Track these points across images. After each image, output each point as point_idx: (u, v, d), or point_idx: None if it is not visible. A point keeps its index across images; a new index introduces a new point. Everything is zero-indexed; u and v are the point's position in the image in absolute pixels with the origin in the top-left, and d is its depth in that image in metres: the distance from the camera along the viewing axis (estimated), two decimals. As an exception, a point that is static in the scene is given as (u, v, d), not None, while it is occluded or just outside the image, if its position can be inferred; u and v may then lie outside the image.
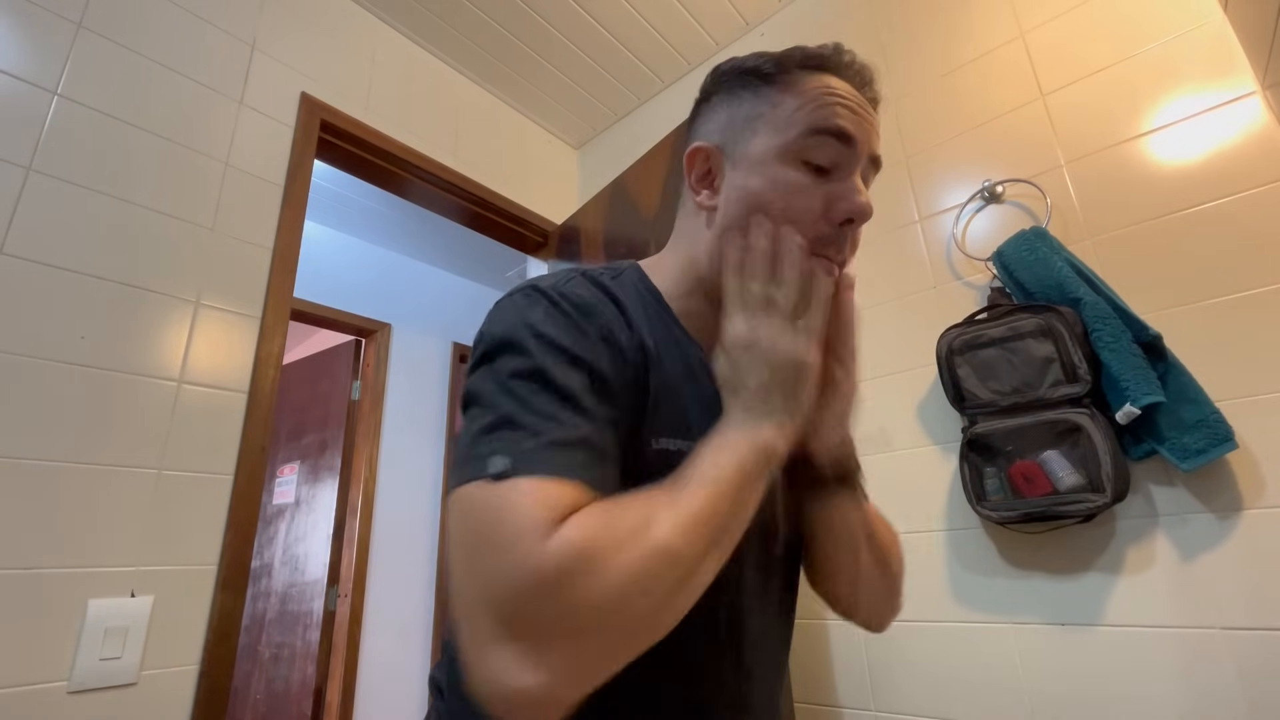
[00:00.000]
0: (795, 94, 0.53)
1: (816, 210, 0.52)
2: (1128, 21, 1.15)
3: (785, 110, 0.53)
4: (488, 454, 0.40)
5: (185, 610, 1.07)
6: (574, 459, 0.40)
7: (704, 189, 0.57)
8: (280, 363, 1.29)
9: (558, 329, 0.46)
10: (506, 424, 0.41)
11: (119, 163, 1.16)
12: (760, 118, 0.54)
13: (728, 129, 0.56)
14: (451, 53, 1.90)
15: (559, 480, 0.39)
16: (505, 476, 0.38)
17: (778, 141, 0.53)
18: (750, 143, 0.54)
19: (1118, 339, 0.99)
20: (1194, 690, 0.92)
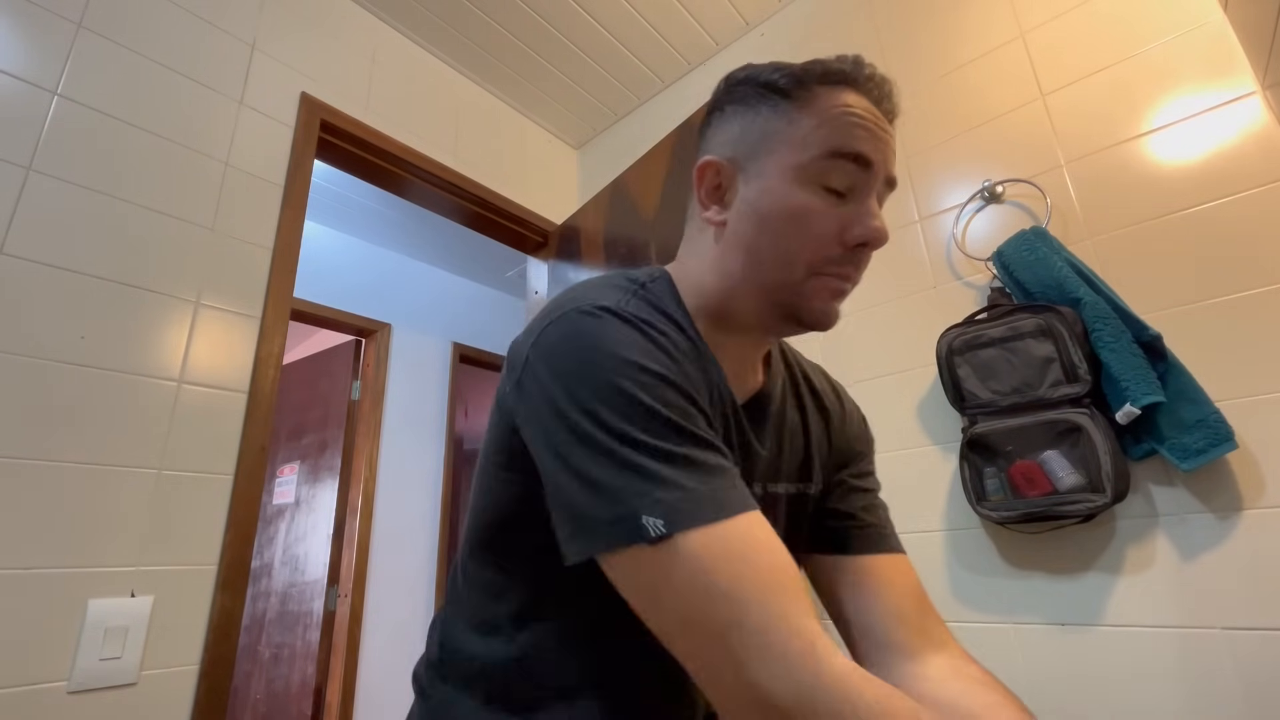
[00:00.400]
0: (813, 112, 0.52)
1: (831, 234, 0.51)
2: (1128, 22, 1.15)
3: (802, 129, 0.51)
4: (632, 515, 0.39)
5: (185, 610, 1.07)
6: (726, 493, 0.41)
7: (714, 204, 0.56)
8: (280, 363, 1.29)
9: (646, 354, 0.44)
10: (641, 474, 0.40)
11: (119, 163, 1.16)
12: (776, 135, 0.52)
13: (741, 144, 0.55)
14: (451, 53, 1.90)
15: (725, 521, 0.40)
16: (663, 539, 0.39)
17: (793, 162, 0.51)
18: (764, 161, 0.53)
19: (1118, 339, 0.99)
20: (1194, 690, 0.92)
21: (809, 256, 0.51)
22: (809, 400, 0.66)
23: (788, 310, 0.53)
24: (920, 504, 1.23)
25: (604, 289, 0.51)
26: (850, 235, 0.51)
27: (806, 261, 0.51)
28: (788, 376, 0.65)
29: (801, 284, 0.52)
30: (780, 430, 0.61)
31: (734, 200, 0.54)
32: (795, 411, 0.64)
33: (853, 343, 1.40)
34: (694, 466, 0.41)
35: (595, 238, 1.82)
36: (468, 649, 0.54)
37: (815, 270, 0.51)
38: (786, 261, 0.51)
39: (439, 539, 2.90)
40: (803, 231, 0.51)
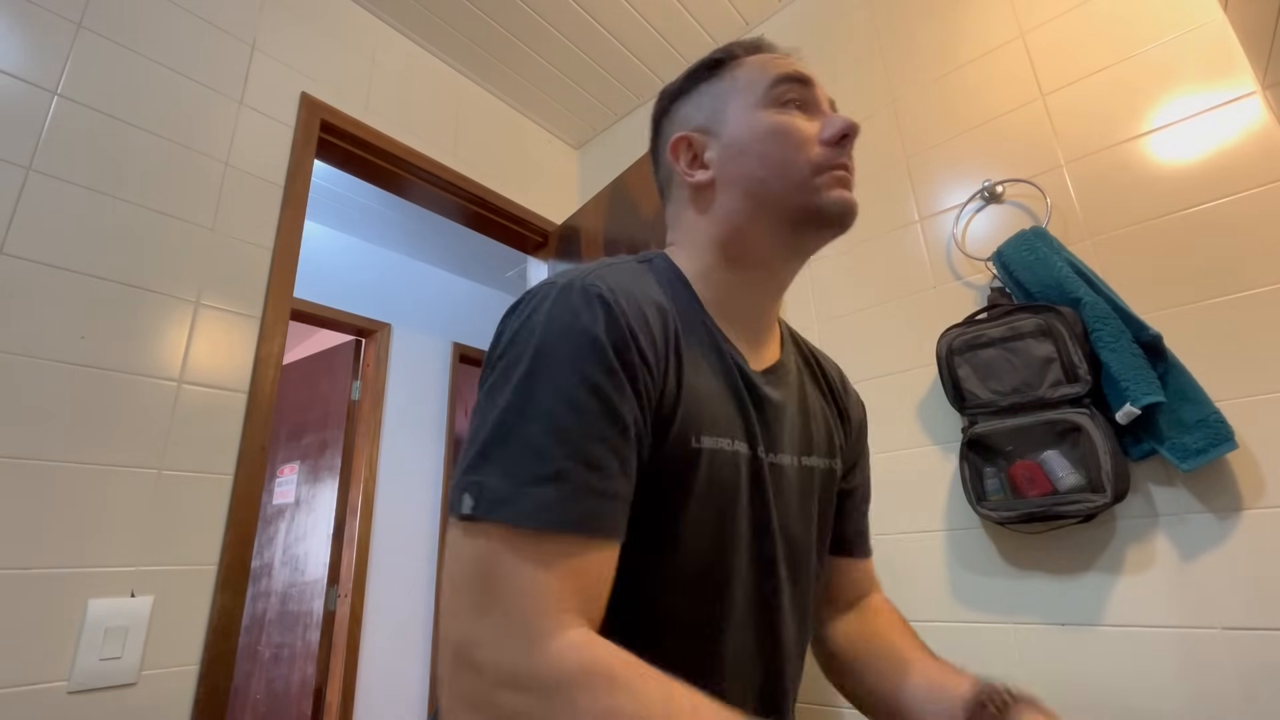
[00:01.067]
0: (747, 66, 0.61)
1: (811, 136, 0.57)
2: (1128, 21, 1.15)
3: (746, 77, 0.60)
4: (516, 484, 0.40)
5: (185, 610, 1.07)
6: (599, 515, 0.41)
7: (697, 169, 0.61)
8: (280, 363, 1.29)
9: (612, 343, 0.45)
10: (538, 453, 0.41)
11: (119, 163, 1.16)
12: (727, 91, 0.60)
13: (698, 114, 0.62)
14: (451, 53, 1.90)
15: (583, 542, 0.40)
16: (530, 525, 0.39)
17: (751, 99, 0.59)
18: (726, 113, 0.60)
19: (1118, 339, 0.99)
20: (1194, 690, 0.92)
21: (805, 157, 0.56)
22: (822, 381, 0.69)
23: (807, 211, 0.56)
24: (920, 504, 1.23)
25: (574, 269, 0.52)
26: (827, 133, 0.57)
27: (805, 161, 0.56)
28: (799, 355, 0.68)
29: (809, 180, 0.56)
30: (804, 402, 0.64)
31: (713, 157, 0.60)
32: (814, 389, 0.67)
33: (853, 343, 1.40)
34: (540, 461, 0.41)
35: (595, 238, 1.82)
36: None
37: (818, 168, 0.56)
38: (788, 167, 0.56)
39: (439, 539, 2.89)
40: (789, 140, 0.57)
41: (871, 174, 1.46)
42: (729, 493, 0.52)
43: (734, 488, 0.52)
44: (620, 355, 0.45)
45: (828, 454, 0.64)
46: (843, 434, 0.68)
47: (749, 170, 0.57)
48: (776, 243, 0.58)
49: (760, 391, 0.57)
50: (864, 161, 1.48)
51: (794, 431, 0.60)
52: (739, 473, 0.52)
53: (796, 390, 0.63)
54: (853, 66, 1.56)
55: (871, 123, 1.49)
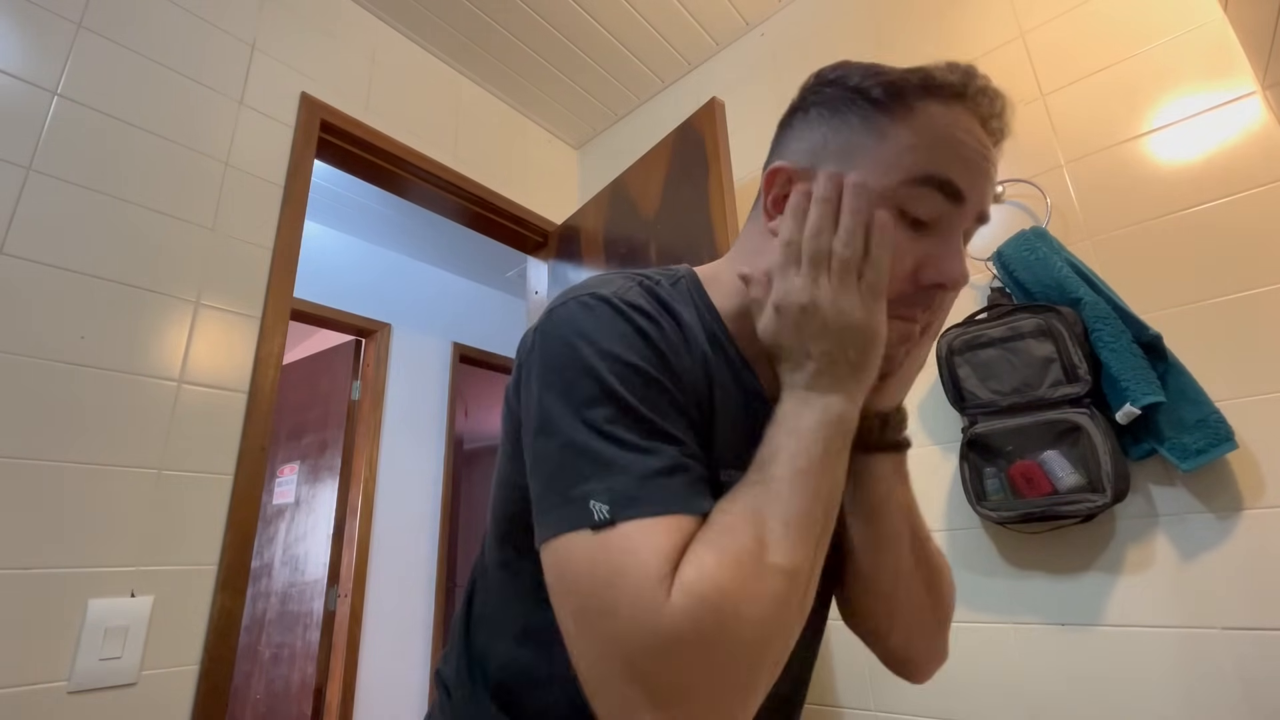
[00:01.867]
0: (909, 129, 0.45)
1: (905, 269, 0.45)
2: (1128, 22, 1.15)
3: (892, 147, 0.45)
4: (581, 498, 0.38)
5: (185, 610, 1.07)
6: (673, 490, 0.39)
7: (779, 213, 0.49)
8: (280, 363, 1.29)
9: (627, 345, 0.43)
10: (593, 459, 0.39)
11: (119, 163, 1.16)
12: (861, 150, 0.46)
13: (821, 154, 0.48)
14: (451, 53, 1.90)
15: (664, 518, 0.37)
16: (608, 524, 0.37)
17: (875, 184, 0.45)
18: (850, 172, 0.46)
19: (1118, 339, 0.99)
20: (1194, 690, 0.92)
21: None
22: None
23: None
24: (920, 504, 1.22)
25: (608, 279, 0.50)
26: (925, 275, 0.45)
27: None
28: None
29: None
30: None
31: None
32: None
33: (853, 343, 1.40)
34: (648, 457, 0.40)
35: (595, 238, 1.82)
36: (495, 649, 0.53)
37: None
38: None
39: (439, 539, 2.90)
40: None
41: (871, 174, 1.46)
42: None
43: None
44: (670, 362, 0.44)
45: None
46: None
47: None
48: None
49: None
50: (864, 161, 1.48)
51: None
52: None
53: None
54: (853, 66, 1.56)
55: (871, 123, 1.49)
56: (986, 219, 0.50)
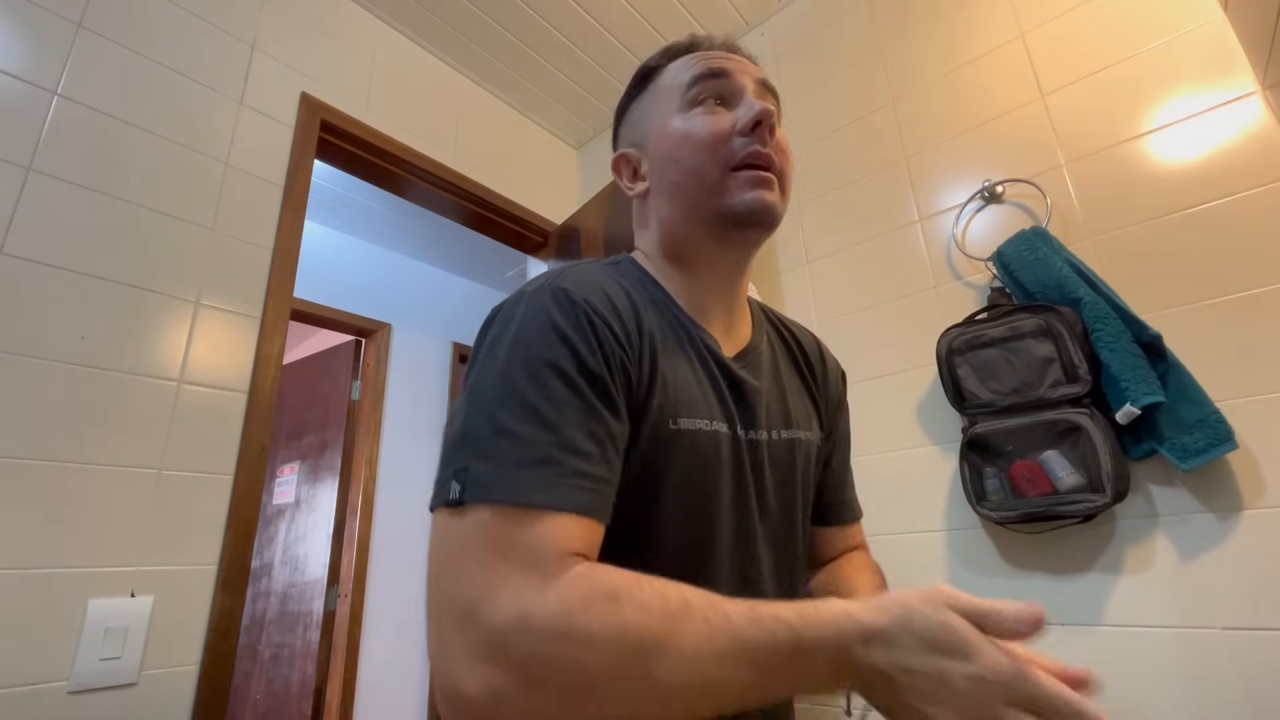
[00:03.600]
0: (668, 73, 0.62)
1: (723, 132, 0.57)
2: (1127, 21, 1.15)
3: (665, 84, 0.62)
4: (447, 477, 0.42)
5: (185, 610, 1.07)
6: (584, 495, 0.42)
7: (636, 182, 0.64)
8: (280, 363, 1.29)
9: (561, 338, 0.46)
10: (472, 442, 0.43)
11: (119, 163, 1.16)
12: (651, 106, 0.63)
13: (633, 130, 0.65)
14: (451, 53, 1.90)
15: (571, 517, 0.41)
16: (519, 503, 0.40)
17: (670, 107, 0.60)
18: (651, 124, 0.62)
19: (1118, 339, 0.99)
20: (1194, 690, 0.92)
21: (713, 156, 0.57)
22: (798, 355, 0.71)
23: (721, 214, 0.57)
24: (920, 504, 1.23)
25: (572, 271, 0.54)
26: (740, 125, 0.57)
27: (714, 161, 0.57)
28: (774, 333, 0.70)
29: (720, 184, 0.57)
30: (778, 378, 0.65)
31: (647, 170, 0.63)
32: (789, 364, 0.69)
33: (853, 343, 1.40)
34: (522, 447, 0.42)
35: (595, 238, 1.82)
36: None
37: (726, 165, 0.57)
38: (700, 170, 0.57)
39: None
40: (697, 141, 0.57)
41: (871, 174, 1.46)
42: (711, 473, 0.53)
43: (715, 468, 0.54)
44: (591, 349, 0.47)
45: (807, 426, 0.66)
46: (823, 404, 0.70)
47: (671, 178, 0.59)
48: (710, 244, 0.60)
49: (735, 375, 0.59)
50: (864, 161, 1.48)
51: (771, 409, 0.62)
52: (719, 452, 0.54)
53: (770, 369, 0.65)
54: (853, 66, 1.56)
55: (871, 122, 1.49)
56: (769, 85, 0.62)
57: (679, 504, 0.51)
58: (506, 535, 0.39)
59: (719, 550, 0.53)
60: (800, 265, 1.54)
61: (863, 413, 1.35)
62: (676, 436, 0.51)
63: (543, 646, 0.36)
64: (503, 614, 0.36)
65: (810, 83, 1.64)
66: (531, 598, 0.37)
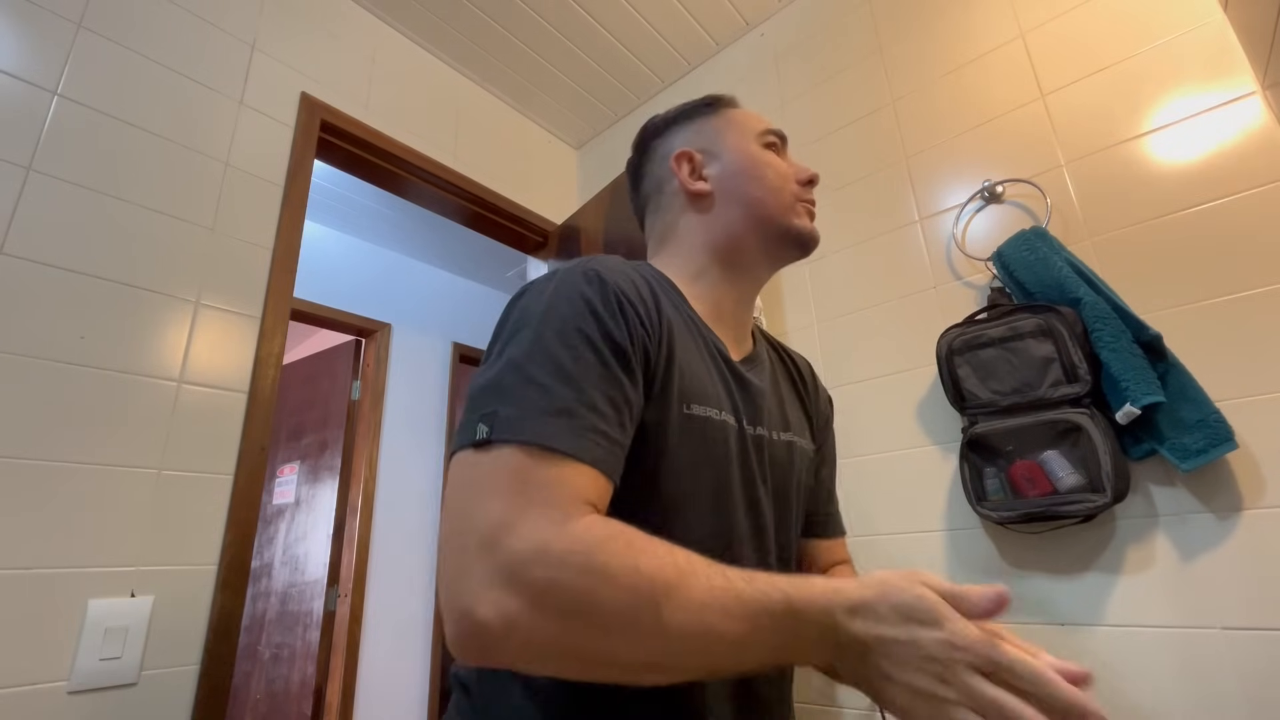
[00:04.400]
0: (740, 112, 0.75)
1: (789, 173, 0.71)
2: (1128, 21, 1.15)
3: (740, 119, 0.74)
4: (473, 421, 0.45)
5: (185, 610, 1.07)
6: (601, 451, 0.45)
7: (697, 180, 0.71)
8: (280, 363, 1.29)
9: (593, 312, 0.50)
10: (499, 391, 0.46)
11: (119, 163, 1.16)
12: (725, 127, 0.73)
13: (697, 140, 0.73)
14: (451, 53, 1.90)
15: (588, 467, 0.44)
16: (545, 445, 0.43)
17: (750, 136, 0.72)
18: (724, 143, 0.72)
19: (1118, 339, 0.99)
20: (1194, 690, 0.92)
21: (789, 188, 0.70)
22: (794, 372, 0.78)
23: (785, 231, 0.69)
24: (920, 504, 1.23)
25: (608, 260, 0.58)
26: (803, 176, 0.72)
27: (790, 190, 0.70)
28: (771, 351, 0.77)
29: (791, 207, 0.69)
30: (777, 386, 0.72)
31: (713, 174, 0.71)
32: (786, 379, 0.76)
33: (853, 343, 1.40)
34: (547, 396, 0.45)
35: (595, 238, 1.82)
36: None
37: (795, 198, 0.70)
38: (779, 192, 0.69)
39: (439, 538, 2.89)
40: (779, 172, 0.70)
41: (871, 174, 1.46)
42: (723, 460, 0.57)
43: (726, 456, 0.57)
44: (617, 323, 0.50)
45: (802, 434, 0.72)
46: (814, 419, 0.77)
47: (747, 189, 0.69)
48: (760, 251, 0.70)
49: (741, 374, 0.64)
50: (864, 161, 1.48)
51: (771, 411, 0.67)
52: (729, 442, 0.58)
53: (770, 376, 0.71)
54: (853, 66, 1.56)
55: (871, 122, 1.49)
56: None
57: (698, 486, 0.54)
58: (532, 471, 0.42)
59: (738, 535, 0.57)
60: (800, 265, 1.54)
61: (863, 413, 1.35)
62: (689, 420, 0.54)
63: (562, 575, 0.38)
64: (524, 542, 0.39)
65: (810, 83, 1.64)
66: (553, 530, 0.39)
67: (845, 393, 1.38)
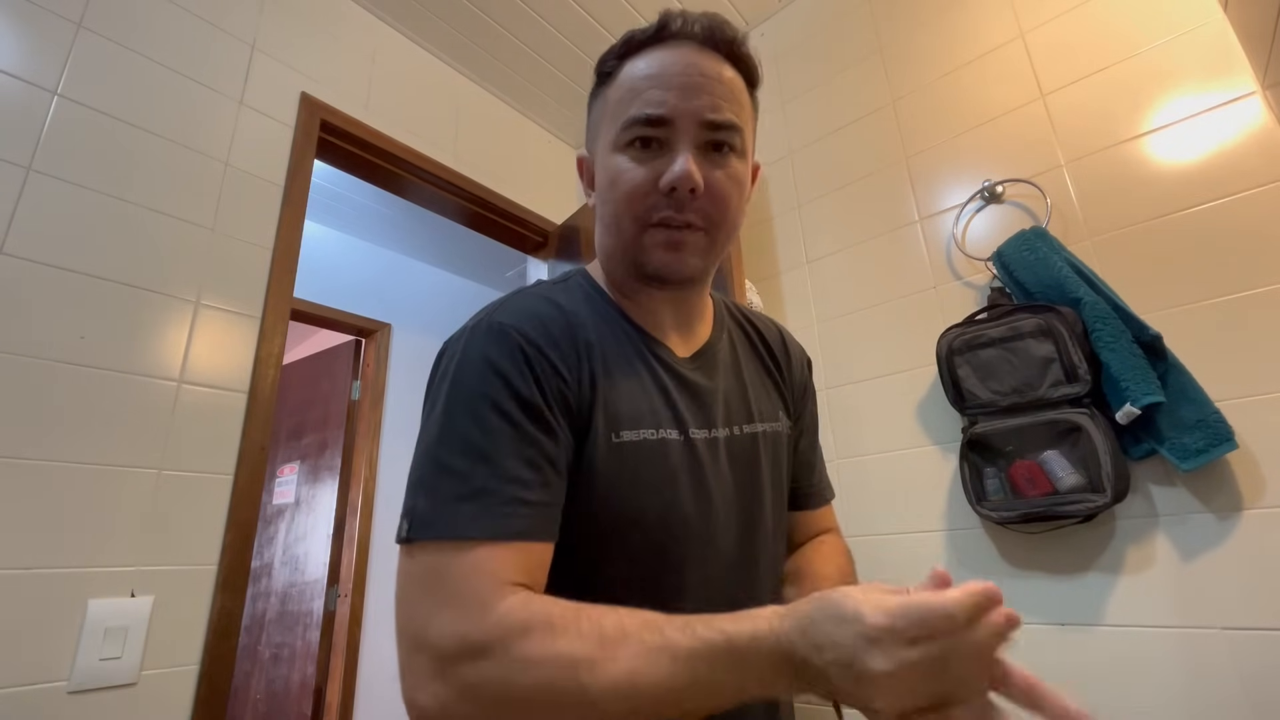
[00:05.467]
0: (616, 87, 0.57)
1: (643, 186, 0.54)
2: (1128, 21, 1.15)
3: (610, 105, 0.57)
4: (402, 514, 0.47)
5: (185, 610, 1.07)
6: (523, 521, 0.45)
7: (590, 190, 0.63)
8: (280, 363, 1.29)
9: (495, 372, 0.49)
10: (415, 482, 0.47)
11: (119, 163, 1.16)
12: (599, 119, 0.60)
13: (588, 134, 0.63)
14: (451, 53, 1.90)
15: (510, 544, 0.44)
16: (457, 537, 0.44)
17: (609, 137, 0.57)
18: (599, 143, 0.59)
19: (1118, 339, 0.99)
20: (1194, 690, 0.92)
21: (631, 211, 0.55)
22: (760, 347, 0.71)
23: (636, 268, 0.57)
24: (920, 504, 1.23)
25: (510, 302, 0.56)
26: (662, 182, 0.53)
27: (631, 216, 0.55)
28: (736, 329, 0.71)
29: (636, 240, 0.56)
30: (739, 374, 0.66)
31: (597, 182, 0.60)
32: (752, 358, 0.70)
33: (853, 343, 1.40)
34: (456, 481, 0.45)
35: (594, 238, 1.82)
36: None
37: (643, 223, 0.55)
38: (616, 222, 0.56)
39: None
40: (618, 191, 0.55)
41: (871, 174, 1.46)
42: (665, 480, 0.54)
43: (669, 475, 0.54)
44: (524, 378, 0.49)
45: (773, 418, 0.67)
46: (788, 392, 0.71)
47: (601, 212, 0.59)
48: (625, 278, 0.60)
49: (687, 378, 0.60)
50: (864, 161, 1.48)
51: (731, 406, 0.62)
52: (669, 459, 0.55)
53: (729, 367, 0.65)
54: (853, 66, 1.56)
55: (871, 122, 1.49)
56: (718, 124, 0.55)
57: (639, 511, 0.52)
58: (449, 566, 0.43)
59: (689, 554, 0.54)
60: (800, 265, 1.54)
61: (863, 413, 1.35)
62: (620, 450, 0.52)
63: (482, 670, 0.40)
64: (446, 640, 0.41)
65: (810, 83, 1.64)
66: (470, 625, 0.41)
67: (845, 393, 1.38)
